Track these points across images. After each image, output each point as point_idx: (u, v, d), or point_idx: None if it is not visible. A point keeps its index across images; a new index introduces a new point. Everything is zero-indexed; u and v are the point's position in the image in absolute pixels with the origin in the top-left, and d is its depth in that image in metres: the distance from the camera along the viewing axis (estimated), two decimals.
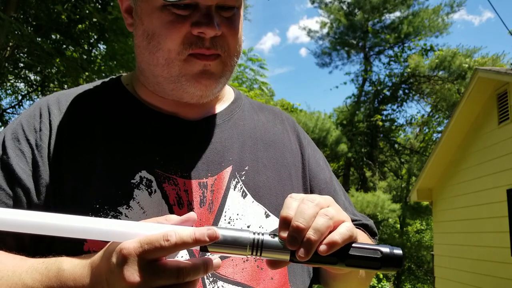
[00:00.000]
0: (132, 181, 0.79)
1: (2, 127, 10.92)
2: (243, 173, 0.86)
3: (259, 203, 0.85)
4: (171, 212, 0.79)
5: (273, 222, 0.85)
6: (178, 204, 0.80)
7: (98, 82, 0.94)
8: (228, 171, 0.85)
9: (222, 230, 0.60)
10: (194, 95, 0.82)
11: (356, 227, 0.88)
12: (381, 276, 15.75)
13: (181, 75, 0.79)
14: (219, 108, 0.93)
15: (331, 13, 20.35)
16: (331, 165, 20.04)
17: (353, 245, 0.63)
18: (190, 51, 0.77)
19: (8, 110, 11.04)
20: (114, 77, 0.96)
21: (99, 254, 0.63)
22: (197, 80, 0.80)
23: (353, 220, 0.89)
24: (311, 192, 0.95)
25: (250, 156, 0.89)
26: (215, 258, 0.62)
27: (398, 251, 0.62)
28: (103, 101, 0.88)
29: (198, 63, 0.79)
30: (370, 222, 1.01)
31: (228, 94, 0.98)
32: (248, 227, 0.83)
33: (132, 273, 0.56)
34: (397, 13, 19.68)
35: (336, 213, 0.64)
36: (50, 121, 0.83)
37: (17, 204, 0.76)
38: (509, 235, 6.33)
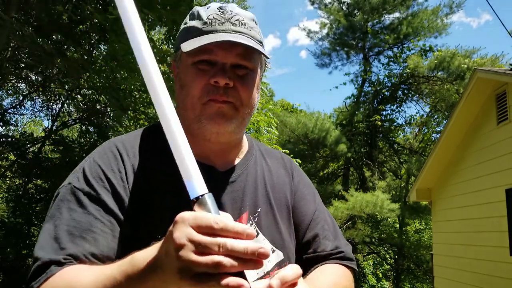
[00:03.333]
0: None
1: (3, 128, 10.94)
2: (256, 215, 1.05)
3: (268, 240, 1.04)
4: None
5: (277, 256, 1.04)
6: None
7: (142, 129, 1.11)
8: (245, 217, 1.03)
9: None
10: (211, 132, 1.01)
11: (331, 261, 1.09)
12: (380, 275, 15.77)
13: (201, 115, 1.00)
14: (237, 159, 1.12)
15: (331, 14, 20.36)
16: (331, 165, 20.06)
17: None
18: (208, 98, 0.98)
19: (9, 111, 11.06)
20: (156, 123, 1.11)
21: None
22: (212, 119, 0.99)
23: (331, 252, 1.10)
24: (294, 223, 1.13)
25: (261, 199, 1.08)
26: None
27: None
28: (152, 145, 1.05)
29: (214, 105, 0.99)
30: (347, 249, 1.15)
31: (244, 145, 1.16)
32: None
33: (182, 236, 0.63)
34: (396, 14, 19.71)
35: None
36: (123, 162, 0.99)
37: (114, 231, 0.91)
38: (508, 234, 6.37)
